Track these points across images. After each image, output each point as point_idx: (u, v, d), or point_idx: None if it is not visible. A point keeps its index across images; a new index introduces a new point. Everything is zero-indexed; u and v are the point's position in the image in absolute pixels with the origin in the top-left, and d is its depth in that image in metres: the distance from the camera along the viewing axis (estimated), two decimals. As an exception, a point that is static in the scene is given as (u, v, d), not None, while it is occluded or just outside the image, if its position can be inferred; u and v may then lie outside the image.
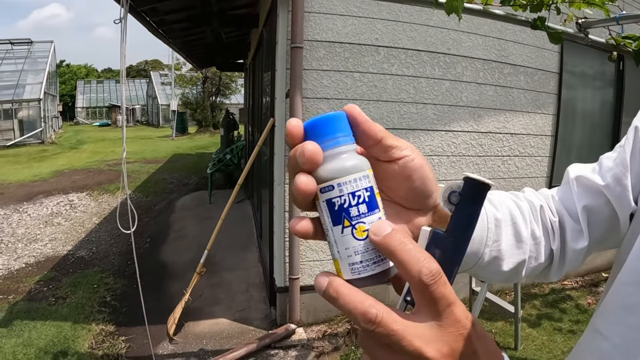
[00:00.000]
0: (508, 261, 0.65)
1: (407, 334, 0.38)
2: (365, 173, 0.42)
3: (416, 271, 0.39)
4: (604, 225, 0.68)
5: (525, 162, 4.61)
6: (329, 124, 0.42)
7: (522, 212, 0.68)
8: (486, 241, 0.63)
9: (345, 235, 0.42)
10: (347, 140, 0.43)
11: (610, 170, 0.66)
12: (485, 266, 0.64)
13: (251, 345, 3.56)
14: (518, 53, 4.38)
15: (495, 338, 3.84)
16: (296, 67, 3.48)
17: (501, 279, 0.69)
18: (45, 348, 3.72)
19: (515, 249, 0.66)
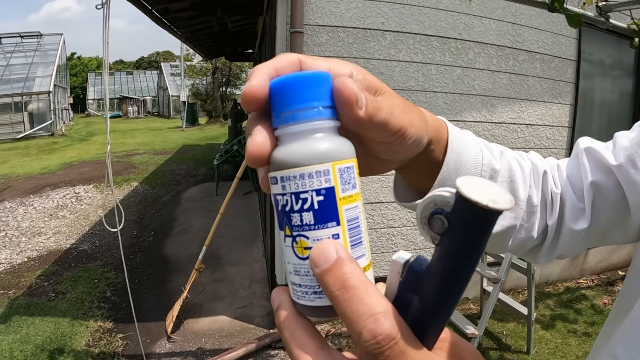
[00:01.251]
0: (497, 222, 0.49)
1: None
2: (324, 167, 0.30)
3: (356, 333, 0.27)
4: (610, 210, 0.59)
5: (541, 154, 4.38)
6: (304, 87, 0.31)
7: (523, 172, 0.60)
8: None
9: (287, 246, 0.32)
10: (320, 114, 0.31)
11: (625, 150, 0.58)
12: None
13: (250, 345, 3.43)
14: (534, 39, 4.16)
15: (507, 341, 3.67)
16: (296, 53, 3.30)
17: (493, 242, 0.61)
18: (42, 345, 3.65)
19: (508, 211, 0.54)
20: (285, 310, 0.32)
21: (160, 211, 7.54)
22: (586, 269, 4.93)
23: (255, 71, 0.33)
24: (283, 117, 0.31)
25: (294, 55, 0.35)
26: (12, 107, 19.38)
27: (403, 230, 3.96)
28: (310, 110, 0.31)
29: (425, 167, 0.49)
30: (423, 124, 0.42)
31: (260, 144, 0.32)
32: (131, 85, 42.02)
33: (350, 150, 0.32)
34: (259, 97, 0.32)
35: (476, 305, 4.18)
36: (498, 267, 3.28)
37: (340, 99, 0.32)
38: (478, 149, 0.54)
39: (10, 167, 11.77)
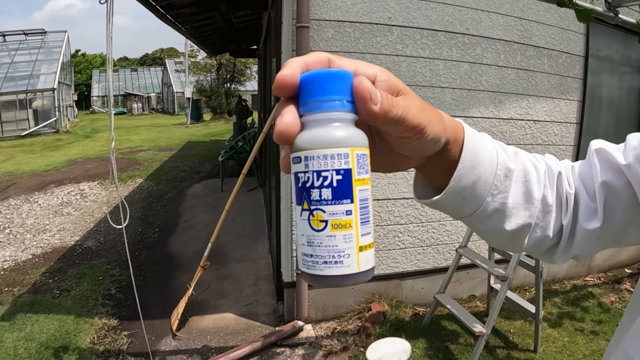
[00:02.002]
0: (512, 220, 0.58)
1: None
2: (344, 151, 0.35)
3: None
4: (622, 210, 0.60)
5: (549, 150, 4.36)
6: (329, 82, 0.36)
7: (537, 172, 0.61)
8: (491, 189, 0.55)
9: (303, 219, 0.36)
10: (343, 107, 0.37)
11: (634, 150, 0.59)
12: (485, 218, 0.58)
13: (256, 344, 3.41)
14: (542, 34, 4.12)
15: (514, 339, 3.63)
16: (302, 48, 3.27)
17: (501, 240, 0.62)
18: (46, 343, 3.64)
19: (523, 209, 0.59)
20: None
21: (165, 208, 7.54)
22: (593, 267, 4.88)
23: (289, 62, 0.39)
24: (309, 106, 0.37)
25: (324, 54, 0.41)
26: (16, 104, 19.44)
27: (410, 227, 3.93)
28: (333, 102, 0.36)
29: (444, 166, 0.52)
30: (440, 124, 0.47)
31: (290, 124, 0.37)
32: (135, 82, 42.07)
33: (365, 140, 0.37)
34: (290, 85, 0.38)
35: (483, 303, 4.15)
36: (506, 264, 3.25)
37: (357, 94, 0.38)
38: (493, 149, 0.56)
39: (15, 164, 11.79)
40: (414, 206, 3.90)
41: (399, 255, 3.95)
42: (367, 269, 0.36)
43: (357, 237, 0.35)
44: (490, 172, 0.55)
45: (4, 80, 19.84)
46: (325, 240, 0.35)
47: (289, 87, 0.37)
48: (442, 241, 4.08)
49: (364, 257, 0.35)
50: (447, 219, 4.03)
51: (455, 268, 3.64)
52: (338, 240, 0.35)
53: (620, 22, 2.38)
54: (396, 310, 3.90)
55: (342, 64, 0.41)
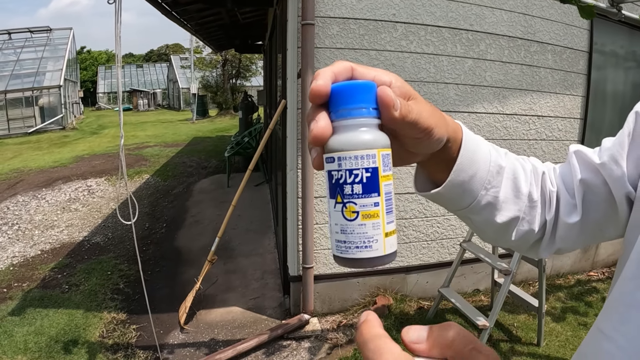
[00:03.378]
0: (503, 213, 0.65)
1: None
2: (372, 152, 0.40)
3: None
4: (600, 206, 0.66)
5: (553, 146, 4.37)
6: (357, 92, 0.41)
7: (524, 171, 0.68)
8: (485, 184, 0.62)
9: (337, 210, 0.42)
10: (369, 113, 0.42)
11: (608, 150, 0.65)
12: (479, 210, 0.64)
13: (263, 336, 3.46)
14: (545, 30, 4.13)
15: (517, 333, 3.66)
16: (307, 45, 3.30)
17: (492, 232, 0.68)
18: (56, 337, 3.69)
19: (512, 203, 0.65)
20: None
21: (172, 203, 7.59)
22: (597, 262, 4.90)
23: (320, 73, 0.43)
24: (340, 113, 0.42)
25: (347, 63, 0.45)
26: (23, 101, 19.51)
27: (415, 222, 3.96)
28: (361, 109, 0.41)
29: (444, 162, 0.58)
30: (444, 125, 0.53)
31: (324, 128, 0.42)
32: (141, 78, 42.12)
33: (387, 141, 0.42)
34: (323, 94, 0.42)
35: (487, 297, 4.18)
36: (509, 259, 3.28)
37: (382, 103, 0.42)
38: (487, 149, 0.63)
39: (23, 161, 11.86)
40: (419, 201, 3.93)
41: (403, 249, 3.99)
42: (391, 252, 0.41)
43: (383, 225, 0.40)
44: (484, 168, 0.61)
45: (10, 77, 19.91)
46: (357, 228, 0.40)
47: (322, 96, 0.42)
48: (447, 235, 4.11)
49: (389, 242, 0.41)
50: (451, 214, 4.05)
51: (460, 262, 3.67)
52: (368, 228, 0.40)
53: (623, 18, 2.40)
54: (401, 304, 3.94)
55: (363, 72, 0.45)
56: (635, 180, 0.62)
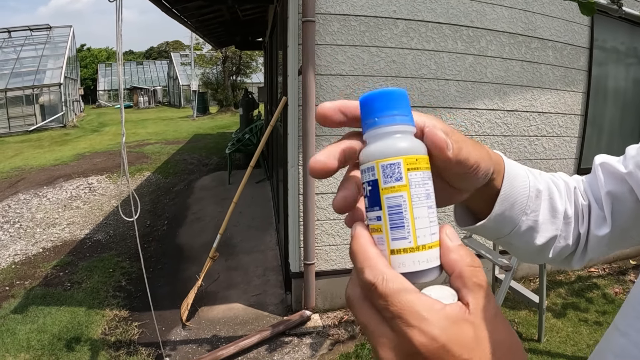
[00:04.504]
0: (542, 235, 0.65)
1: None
2: (370, 164, 0.39)
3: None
4: (628, 213, 0.66)
5: (553, 142, 4.38)
6: (364, 107, 0.40)
7: (558, 189, 0.68)
8: (525, 209, 0.62)
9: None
10: (366, 127, 0.40)
11: (633, 158, 0.66)
12: (520, 236, 0.64)
13: (264, 332, 3.47)
14: (546, 26, 4.12)
15: (518, 328, 3.68)
16: (308, 42, 3.30)
17: (530, 254, 0.69)
18: (59, 334, 3.71)
19: (550, 223, 0.66)
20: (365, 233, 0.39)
21: (173, 200, 7.60)
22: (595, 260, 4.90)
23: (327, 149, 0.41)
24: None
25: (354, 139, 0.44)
26: (23, 99, 19.49)
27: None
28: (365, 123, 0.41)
29: (486, 195, 0.58)
30: (488, 157, 0.52)
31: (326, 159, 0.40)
32: (141, 75, 42.07)
33: (391, 150, 0.38)
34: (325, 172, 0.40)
35: (488, 293, 4.19)
36: (510, 255, 3.29)
37: (435, 145, 0.41)
38: (524, 173, 0.63)
39: (24, 159, 11.87)
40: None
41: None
42: (401, 272, 0.37)
43: (387, 242, 0.37)
44: (524, 194, 0.62)
45: (11, 76, 19.89)
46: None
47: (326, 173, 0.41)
48: (448, 232, 4.11)
49: (398, 261, 0.37)
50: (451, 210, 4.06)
51: (461, 258, 3.68)
52: (377, 242, 0.38)
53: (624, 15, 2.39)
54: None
55: None
56: None
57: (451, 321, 0.33)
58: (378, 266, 0.35)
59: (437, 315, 0.33)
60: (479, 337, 0.34)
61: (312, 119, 3.41)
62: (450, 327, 0.33)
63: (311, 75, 3.35)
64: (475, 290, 0.35)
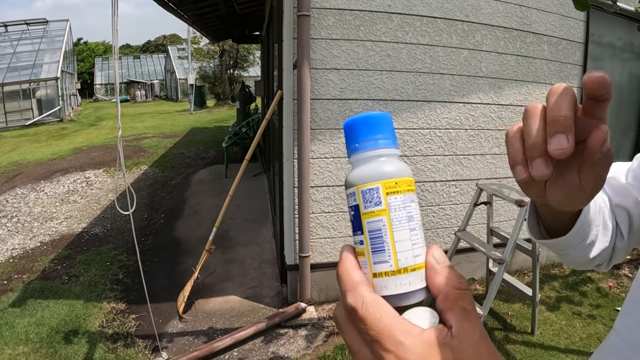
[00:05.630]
0: (596, 247, 0.68)
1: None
2: (352, 190, 0.39)
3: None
4: (638, 221, 0.71)
5: (548, 135, 4.39)
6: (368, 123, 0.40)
7: (605, 204, 0.72)
8: (592, 224, 0.65)
9: None
10: (351, 150, 0.41)
11: (633, 170, 0.71)
12: (582, 247, 0.67)
13: (260, 324, 3.50)
14: (541, 21, 4.14)
15: (512, 321, 3.71)
16: (303, 36, 3.32)
17: (580, 263, 0.73)
18: (57, 327, 3.73)
19: (602, 236, 0.69)
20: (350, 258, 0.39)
21: (170, 194, 7.61)
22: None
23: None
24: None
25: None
26: (20, 94, 19.43)
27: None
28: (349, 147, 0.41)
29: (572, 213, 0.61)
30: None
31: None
32: (138, 69, 41.94)
33: (373, 174, 0.39)
34: None
35: (482, 286, 4.23)
36: (503, 248, 3.31)
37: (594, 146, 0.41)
38: None
39: (21, 154, 11.85)
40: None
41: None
42: (384, 295, 0.38)
43: (370, 265, 0.38)
44: (593, 211, 0.64)
45: (7, 70, 19.81)
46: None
47: None
48: (442, 225, 4.15)
49: (379, 284, 0.38)
50: (446, 203, 4.10)
51: (454, 251, 3.71)
52: (361, 265, 0.39)
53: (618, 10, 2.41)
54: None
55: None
56: None
57: (429, 346, 0.33)
58: (359, 290, 0.36)
59: (415, 340, 0.33)
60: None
61: (307, 112, 3.43)
62: (427, 353, 0.33)
63: (306, 69, 3.36)
64: (459, 314, 0.35)
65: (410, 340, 0.33)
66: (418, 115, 3.86)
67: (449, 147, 4.01)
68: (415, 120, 3.86)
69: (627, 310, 0.58)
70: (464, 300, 0.36)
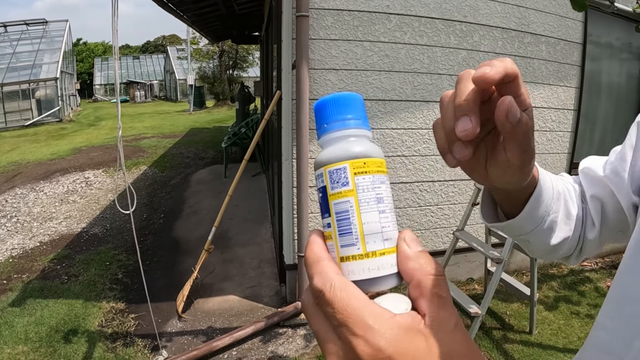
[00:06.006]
0: (557, 235, 0.70)
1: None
2: (320, 172, 0.38)
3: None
4: (613, 216, 0.71)
5: (546, 137, 4.42)
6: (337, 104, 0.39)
7: (570, 193, 0.74)
8: (549, 209, 0.67)
9: None
10: (321, 130, 0.39)
11: (611, 164, 0.70)
12: (539, 234, 0.68)
13: (259, 324, 3.51)
14: (539, 22, 4.16)
15: (510, 321, 3.73)
16: (302, 36, 3.33)
17: (544, 251, 0.74)
18: (56, 326, 3.74)
19: (564, 224, 0.70)
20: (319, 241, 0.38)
21: (169, 194, 7.62)
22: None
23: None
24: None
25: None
26: (19, 94, 19.41)
27: (408, 211, 4.01)
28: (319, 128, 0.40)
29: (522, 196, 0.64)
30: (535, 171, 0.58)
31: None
32: (138, 69, 41.95)
33: (341, 154, 0.37)
34: None
35: (480, 286, 4.24)
36: (501, 247, 3.32)
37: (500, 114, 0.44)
38: (549, 178, 0.69)
39: (20, 154, 11.84)
40: (412, 190, 3.98)
41: (398, 239, 4.03)
42: (352, 280, 0.35)
43: (337, 249, 0.36)
44: (549, 195, 0.66)
45: (7, 70, 19.80)
46: None
47: None
48: (440, 225, 4.16)
49: (347, 268, 0.36)
50: (444, 203, 4.11)
51: (453, 251, 3.72)
52: (329, 249, 0.37)
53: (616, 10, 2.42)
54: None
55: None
56: (637, 188, 0.66)
57: (401, 331, 0.32)
58: (327, 273, 0.34)
59: (386, 324, 0.32)
60: (432, 350, 0.32)
61: (305, 112, 3.44)
62: (398, 338, 0.31)
63: (305, 70, 3.38)
64: (433, 301, 0.34)
65: (381, 324, 0.31)
66: (416, 115, 3.87)
67: (448, 147, 4.02)
68: (414, 121, 3.87)
69: (615, 306, 0.57)
70: (439, 287, 0.34)
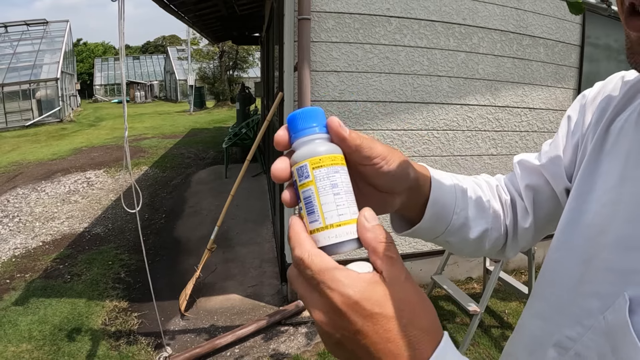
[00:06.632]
0: (474, 229, 0.73)
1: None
2: (293, 169, 0.48)
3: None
4: (547, 203, 0.75)
5: (544, 137, 4.46)
6: (302, 117, 0.49)
7: (481, 188, 0.77)
8: (454, 208, 0.70)
9: None
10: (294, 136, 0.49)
11: (546, 153, 0.75)
12: (454, 232, 0.72)
13: (261, 322, 3.56)
14: (537, 24, 4.21)
15: (508, 319, 3.78)
16: (304, 39, 3.38)
17: (469, 248, 0.77)
18: (59, 325, 3.77)
19: (479, 218, 0.74)
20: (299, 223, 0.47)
21: (170, 194, 7.66)
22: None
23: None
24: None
25: None
26: (20, 94, 19.44)
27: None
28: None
29: (420, 202, 0.67)
30: (405, 161, 0.58)
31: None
32: (138, 70, 41.95)
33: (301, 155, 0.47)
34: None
35: (479, 285, 4.29)
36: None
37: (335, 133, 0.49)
38: (450, 178, 0.72)
39: (21, 154, 11.87)
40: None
41: (397, 237, 4.08)
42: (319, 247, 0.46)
43: (306, 225, 0.47)
44: (451, 195, 0.70)
45: (7, 71, 19.82)
46: None
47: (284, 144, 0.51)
48: (440, 225, 4.20)
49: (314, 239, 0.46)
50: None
51: (452, 250, 3.76)
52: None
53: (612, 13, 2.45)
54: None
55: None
56: (571, 174, 0.70)
57: (364, 283, 0.41)
58: (305, 245, 0.43)
59: (353, 279, 0.41)
60: (390, 295, 0.41)
61: (307, 114, 3.48)
62: (363, 288, 0.40)
63: (306, 72, 3.42)
64: (387, 262, 0.42)
65: (349, 280, 0.40)
66: (416, 116, 3.92)
67: (447, 148, 4.08)
68: (414, 122, 3.92)
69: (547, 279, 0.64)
70: (390, 250, 0.43)
